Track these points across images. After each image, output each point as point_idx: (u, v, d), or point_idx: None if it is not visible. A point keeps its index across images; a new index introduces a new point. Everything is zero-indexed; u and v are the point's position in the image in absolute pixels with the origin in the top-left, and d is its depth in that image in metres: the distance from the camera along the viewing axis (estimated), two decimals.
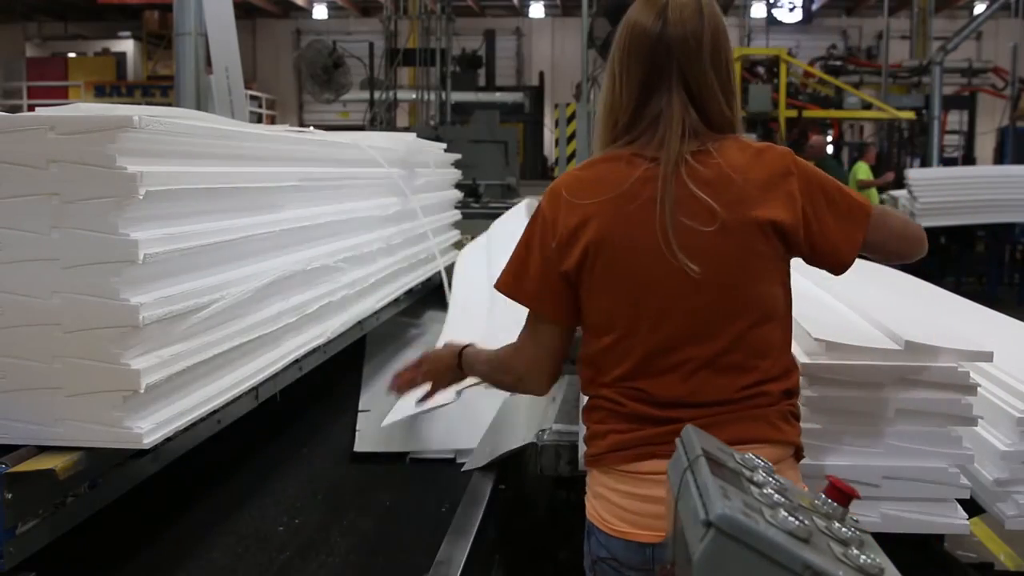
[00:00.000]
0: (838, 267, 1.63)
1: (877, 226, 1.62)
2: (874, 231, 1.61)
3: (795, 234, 1.55)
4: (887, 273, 3.29)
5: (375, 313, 3.46)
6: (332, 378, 3.37)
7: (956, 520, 1.97)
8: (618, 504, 1.58)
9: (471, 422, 3.21)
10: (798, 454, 1.63)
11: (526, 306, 1.66)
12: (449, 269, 4.38)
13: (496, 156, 9.18)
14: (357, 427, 3.13)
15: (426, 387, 2.00)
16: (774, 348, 1.58)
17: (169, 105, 7.48)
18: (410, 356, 3.91)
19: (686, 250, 1.52)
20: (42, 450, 1.74)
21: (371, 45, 14.81)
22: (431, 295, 4.48)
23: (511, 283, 1.65)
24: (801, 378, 1.70)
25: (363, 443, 3.04)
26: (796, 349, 1.87)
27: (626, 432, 1.58)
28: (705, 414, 1.53)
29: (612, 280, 1.57)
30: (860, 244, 1.61)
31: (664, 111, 1.56)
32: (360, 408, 3.26)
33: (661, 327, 1.56)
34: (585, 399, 1.71)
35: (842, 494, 1.09)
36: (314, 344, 2.78)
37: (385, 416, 2.92)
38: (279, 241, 2.50)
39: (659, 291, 1.55)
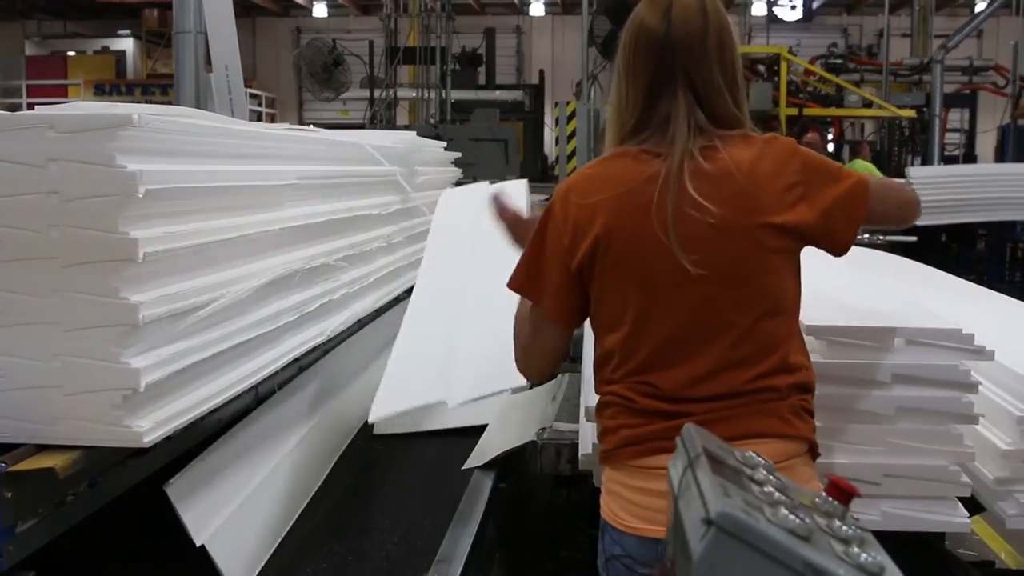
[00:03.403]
0: (839, 248, 1.63)
1: (877, 199, 1.64)
2: (874, 204, 1.63)
3: (802, 229, 1.56)
4: (896, 261, 3.29)
5: (375, 311, 3.46)
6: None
7: (957, 518, 1.96)
8: (630, 500, 1.58)
9: (473, 407, 3.22)
10: (813, 451, 1.61)
11: (541, 307, 1.66)
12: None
13: (496, 154, 9.17)
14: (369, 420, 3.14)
15: None
16: (782, 342, 1.57)
17: (169, 103, 7.48)
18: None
19: (687, 242, 1.52)
20: (41, 449, 1.74)
21: (371, 43, 14.80)
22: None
23: (526, 284, 1.65)
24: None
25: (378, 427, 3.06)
26: None
27: (637, 427, 1.58)
28: (714, 408, 1.54)
29: (620, 273, 1.58)
30: (860, 222, 1.62)
31: (672, 113, 1.57)
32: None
33: (669, 319, 1.56)
34: (596, 397, 1.71)
35: (843, 492, 1.09)
36: (314, 343, 2.78)
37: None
38: (279, 239, 2.50)
39: (665, 283, 1.55)
